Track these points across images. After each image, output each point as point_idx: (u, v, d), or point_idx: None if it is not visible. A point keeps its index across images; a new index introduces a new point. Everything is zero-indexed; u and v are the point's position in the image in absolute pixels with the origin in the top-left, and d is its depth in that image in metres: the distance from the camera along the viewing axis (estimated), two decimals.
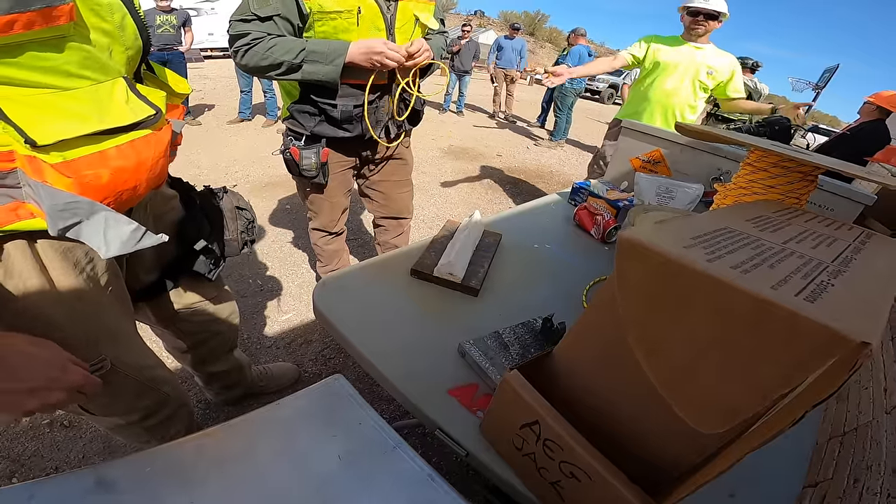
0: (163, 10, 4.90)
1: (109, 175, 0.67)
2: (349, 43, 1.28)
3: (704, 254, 0.40)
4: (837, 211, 1.44)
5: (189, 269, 1.05)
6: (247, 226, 1.15)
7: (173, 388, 1.01)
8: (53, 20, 0.56)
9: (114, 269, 0.83)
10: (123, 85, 0.70)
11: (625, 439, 0.52)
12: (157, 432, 1.01)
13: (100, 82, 0.66)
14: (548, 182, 4.85)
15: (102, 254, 0.67)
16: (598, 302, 0.51)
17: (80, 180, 0.63)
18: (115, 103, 0.68)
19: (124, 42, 0.70)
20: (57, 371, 0.61)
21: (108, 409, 0.90)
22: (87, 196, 0.64)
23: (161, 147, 0.76)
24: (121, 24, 0.69)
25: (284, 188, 3.52)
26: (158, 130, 0.76)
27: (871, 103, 3.43)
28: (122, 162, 0.68)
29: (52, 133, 0.60)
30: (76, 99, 0.63)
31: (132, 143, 0.70)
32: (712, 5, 2.27)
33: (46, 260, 0.71)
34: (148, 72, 0.87)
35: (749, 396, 0.37)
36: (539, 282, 1.12)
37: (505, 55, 7.49)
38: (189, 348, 1.22)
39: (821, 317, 0.32)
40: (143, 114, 0.71)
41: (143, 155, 0.72)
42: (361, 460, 0.63)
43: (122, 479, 0.58)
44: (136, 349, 0.92)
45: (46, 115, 0.60)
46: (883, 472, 0.93)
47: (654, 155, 1.79)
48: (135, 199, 0.76)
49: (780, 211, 0.65)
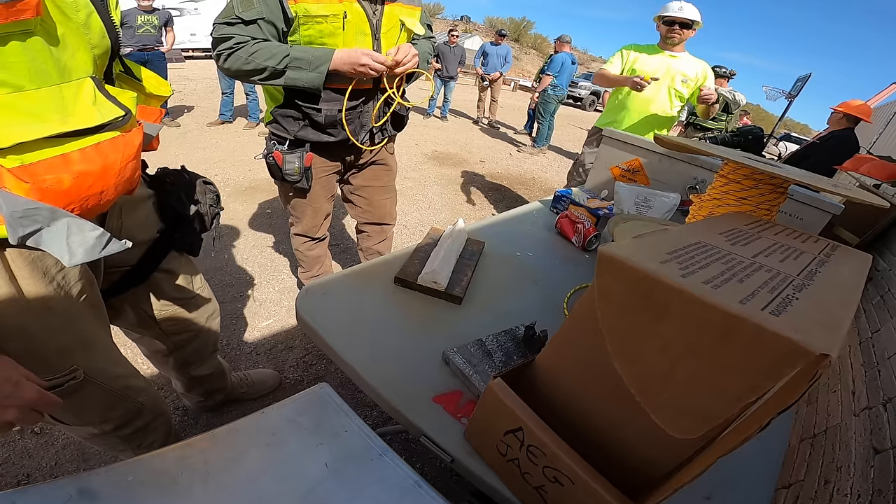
0: (144, 10, 4.82)
1: (72, 180, 0.64)
2: (333, 51, 1.28)
3: (679, 269, 0.42)
4: (807, 219, 1.50)
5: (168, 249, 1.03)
6: (214, 200, 1.14)
7: (149, 398, 0.99)
8: (19, 14, 0.53)
9: (87, 276, 0.81)
10: (91, 85, 0.67)
11: (606, 444, 0.54)
12: (132, 442, 0.99)
13: (64, 82, 0.63)
14: (530, 188, 4.91)
15: (66, 262, 0.64)
16: (578, 313, 0.53)
17: (40, 185, 0.61)
18: (81, 104, 0.65)
19: (90, 41, 0.68)
20: (10, 387, 0.58)
21: (81, 418, 0.88)
22: (48, 202, 0.62)
23: (130, 150, 0.73)
24: (86, 22, 0.67)
25: (265, 192, 3.49)
26: (127, 132, 0.73)
27: (840, 112, 3.53)
28: (86, 166, 0.65)
29: (9, 135, 0.57)
30: (37, 99, 0.60)
31: (97, 146, 0.67)
32: (686, 14, 2.35)
33: (15, 269, 0.68)
34: (124, 73, 0.86)
35: (720, 403, 0.39)
36: (521, 289, 1.14)
37: (490, 61, 7.56)
38: (170, 351, 1.21)
39: (784, 330, 0.34)
40: (110, 115, 0.69)
41: (109, 159, 0.69)
42: (348, 468, 0.64)
43: (104, 488, 0.57)
44: (111, 358, 0.91)
45: (4, 116, 0.58)
46: (852, 474, 0.97)
47: (633, 164, 1.83)
48: (103, 206, 0.73)
49: (752, 224, 0.68)
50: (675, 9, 2.37)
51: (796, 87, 5.51)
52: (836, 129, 3.59)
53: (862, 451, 1.00)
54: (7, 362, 0.60)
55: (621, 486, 0.49)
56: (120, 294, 1.01)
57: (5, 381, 0.58)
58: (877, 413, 1.06)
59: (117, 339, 0.97)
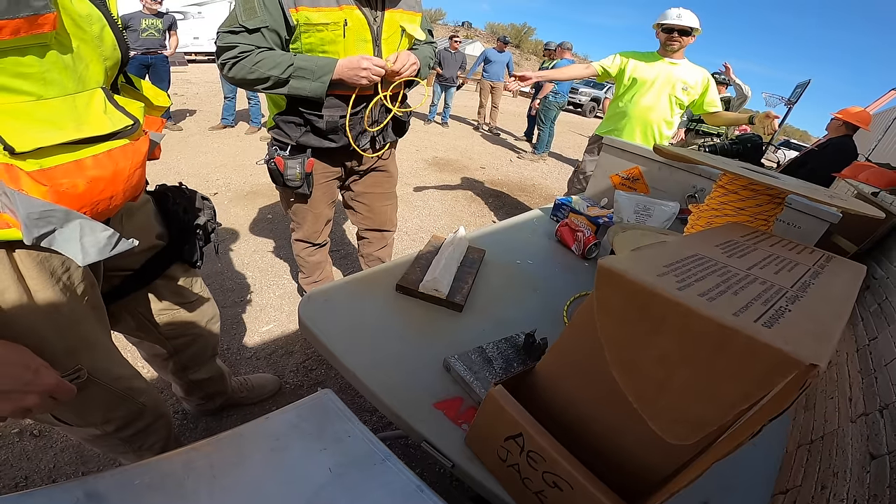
0: (149, 14, 4.86)
1: (86, 184, 0.67)
2: (337, 60, 1.30)
3: (675, 282, 0.43)
4: (805, 228, 1.51)
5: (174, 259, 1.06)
6: (211, 216, 1.16)
7: (150, 399, 1.00)
8: (38, 27, 0.56)
9: (90, 278, 0.83)
10: (101, 95, 0.70)
11: (604, 450, 0.55)
12: (133, 443, 1.00)
13: (78, 92, 0.66)
14: (530, 195, 4.93)
15: (79, 261, 0.66)
16: (578, 322, 0.54)
17: (56, 189, 0.63)
18: (93, 113, 0.68)
19: (102, 53, 0.71)
20: (30, 374, 0.61)
21: (84, 419, 0.90)
22: (63, 205, 0.64)
23: (138, 158, 0.76)
24: (99, 35, 0.70)
25: (266, 197, 3.50)
26: (136, 141, 0.76)
27: (838, 119, 3.53)
28: (99, 171, 0.68)
29: (30, 140, 0.60)
30: (54, 107, 0.63)
31: (109, 152, 0.70)
32: (685, 21, 2.38)
33: (24, 269, 0.70)
34: (126, 84, 0.88)
35: (714, 411, 0.41)
36: (522, 297, 1.15)
37: (492, 68, 7.58)
38: (170, 354, 1.22)
39: (775, 341, 0.36)
40: (120, 124, 0.72)
41: (119, 165, 0.72)
42: (352, 472, 0.65)
43: (110, 491, 0.58)
44: (113, 359, 0.92)
45: (24, 123, 0.60)
46: (849, 479, 0.98)
47: (632, 172, 1.85)
48: (112, 210, 0.76)
49: (748, 235, 0.70)
50: (674, 16, 2.40)
51: (795, 93, 5.52)
52: (834, 136, 3.58)
53: (858, 457, 1.01)
54: (25, 351, 0.63)
55: (619, 491, 0.50)
56: (121, 298, 1.03)
57: (25, 368, 0.61)
58: (873, 419, 1.07)
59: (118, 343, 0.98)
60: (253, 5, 1.24)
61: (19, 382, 0.60)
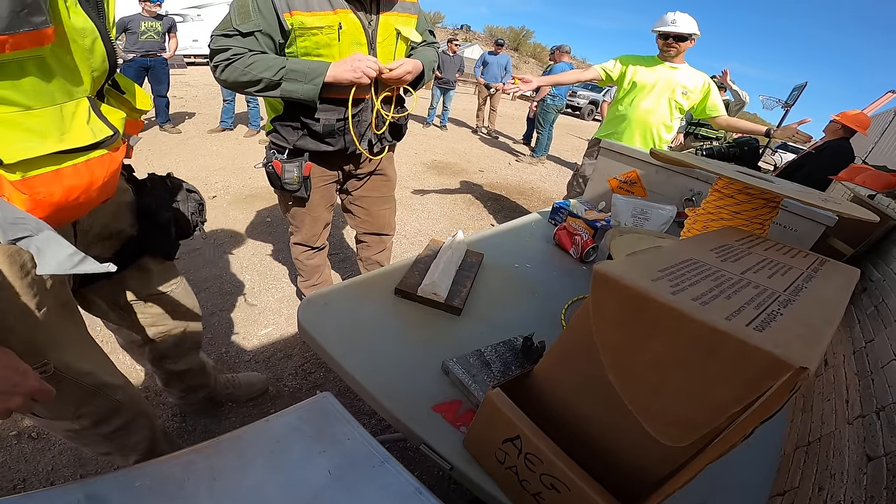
0: (149, 16, 4.86)
1: (62, 193, 0.69)
2: (329, 64, 1.30)
3: (669, 286, 0.44)
4: (801, 231, 1.52)
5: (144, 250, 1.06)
6: (197, 207, 1.16)
7: (127, 397, 1.01)
8: (38, 42, 0.57)
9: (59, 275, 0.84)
10: (87, 105, 0.72)
11: (601, 452, 0.55)
12: (115, 441, 1.01)
13: (65, 102, 0.67)
14: (529, 198, 4.94)
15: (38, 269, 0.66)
16: (575, 326, 0.55)
17: (34, 197, 0.65)
18: (77, 124, 0.70)
19: (91, 65, 0.72)
20: (18, 377, 0.62)
21: (54, 412, 0.90)
22: (37, 210, 0.66)
23: (114, 166, 0.79)
24: (91, 47, 0.71)
25: (265, 200, 3.51)
26: (114, 151, 0.78)
27: (836, 122, 3.52)
28: (76, 181, 0.70)
29: (17, 152, 0.62)
30: (41, 117, 0.64)
31: (87, 162, 0.72)
32: (680, 28, 2.39)
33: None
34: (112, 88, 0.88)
35: (707, 414, 0.41)
36: (519, 301, 1.16)
37: (490, 70, 7.61)
38: (145, 341, 1.22)
39: (766, 344, 0.36)
40: (101, 135, 0.73)
41: (95, 174, 0.74)
42: (351, 475, 0.65)
43: (111, 493, 0.59)
44: (83, 354, 0.92)
45: (12, 133, 0.62)
46: (846, 481, 0.99)
47: (630, 175, 1.86)
48: (84, 211, 0.79)
49: (743, 239, 0.71)
50: (669, 21, 2.41)
51: (792, 96, 5.54)
52: (831, 138, 3.59)
53: (855, 459, 1.02)
54: (12, 354, 0.63)
55: (616, 492, 0.51)
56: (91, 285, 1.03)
57: (14, 370, 0.62)
58: (870, 421, 1.07)
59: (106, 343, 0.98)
60: (247, 9, 1.24)
61: (8, 384, 0.60)
